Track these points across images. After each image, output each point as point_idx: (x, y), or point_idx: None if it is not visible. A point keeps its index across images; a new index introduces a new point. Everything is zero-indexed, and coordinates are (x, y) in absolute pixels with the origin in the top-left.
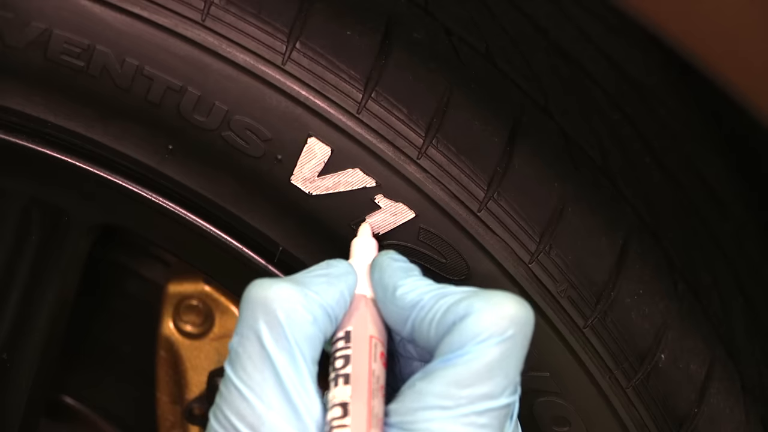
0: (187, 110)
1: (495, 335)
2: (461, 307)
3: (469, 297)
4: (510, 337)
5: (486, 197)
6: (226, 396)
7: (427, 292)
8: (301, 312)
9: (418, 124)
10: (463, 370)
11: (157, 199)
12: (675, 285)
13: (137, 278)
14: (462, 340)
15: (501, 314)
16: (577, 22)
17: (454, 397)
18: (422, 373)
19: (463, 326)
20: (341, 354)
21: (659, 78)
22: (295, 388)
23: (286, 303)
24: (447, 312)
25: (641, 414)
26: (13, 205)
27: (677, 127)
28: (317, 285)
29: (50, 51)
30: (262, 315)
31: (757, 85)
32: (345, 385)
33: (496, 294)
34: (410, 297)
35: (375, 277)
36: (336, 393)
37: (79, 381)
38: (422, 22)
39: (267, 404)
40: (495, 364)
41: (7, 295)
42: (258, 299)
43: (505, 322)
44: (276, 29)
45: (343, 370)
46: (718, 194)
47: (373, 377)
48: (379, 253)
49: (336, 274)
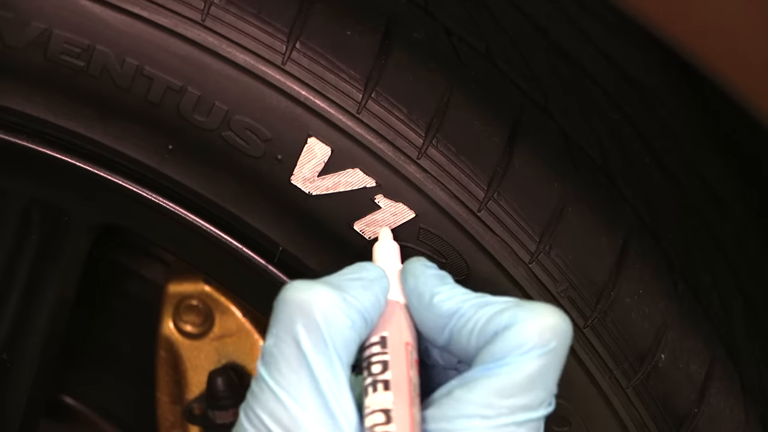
0: (187, 110)
1: (538, 346)
2: (504, 317)
3: (512, 307)
4: (552, 348)
5: (486, 197)
6: (258, 396)
7: (466, 301)
8: (339, 316)
9: (418, 124)
10: (505, 380)
11: (157, 199)
12: (675, 285)
13: (137, 278)
14: (505, 350)
15: (544, 326)
16: (577, 22)
17: (495, 406)
18: (460, 380)
19: (506, 336)
20: (378, 359)
21: (659, 78)
22: (332, 392)
23: (325, 306)
24: (489, 321)
25: (641, 414)
26: (13, 205)
27: (677, 127)
28: (354, 289)
29: (50, 51)
30: (300, 317)
31: (757, 85)
32: (386, 391)
33: (538, 305)
34: (448, 305)
35: (409, 283)
36: (376, 399)
37: (79, 381)
38: (422, 22)
39: (302, 407)
40: (536, 375)
41: (7, 295)
42: (296, 301)
43: (549, 334)
44: (276, 29)
45: (382, 375)
46: (719, 194)
47: (411, 384)
48: (410, 260)
49: (370, 278)
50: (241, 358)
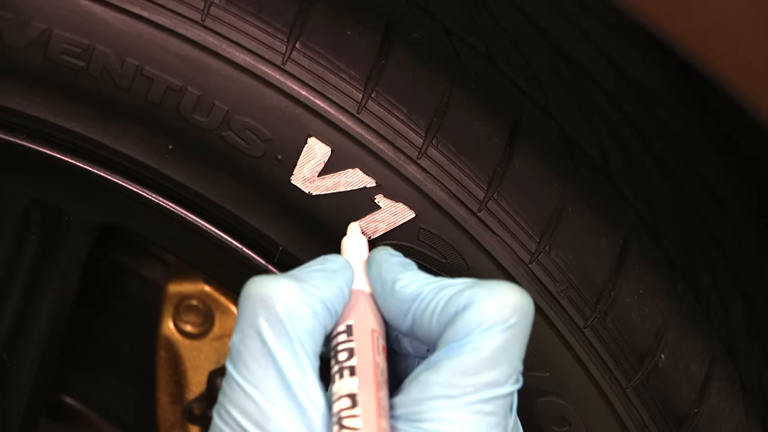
0: (187, 110)
1: (499, 323)
2: (464, 297)
3: (471, 287)
4: (513, 324)
5: (486, 197)
6: (229, 394)
7: (427, 284)
8: (301, 307)
9: (418, 124)
10: (468, 359)
11: (157, 199)
12: (675, 285)
13: (137, 278)
14: (466, 329)
15: (504, 303)
16: (577, 22)
17: (460, 385)
18: (426, 364)
19: (466, 315)
20: (344, 347)
21: (659, 78)
22: (298, 383)
23: (285, 298)
24: (449, 302)
25: (641, 414)
26: (13, 205)
27: (677, 127)
28: (315, 279)
29: (50, 51)
30: (262, 311)
31: (757, 84)
32: (351, 377)
33: (498, 283)
34: (410, 290)
35: (373, 271)
36: (342, 385)
37: (79, 381)
38: (422, 22)
39: (271, 401)
40: (499, 351)
41: (7, 295)
42: (257, 296)
43: (508, 310)
44: (276, 29)
45: (348, 362)
46: (718, 194)
47: (378, 369)
48: (375, 249)
49: (333, 268)
50: None
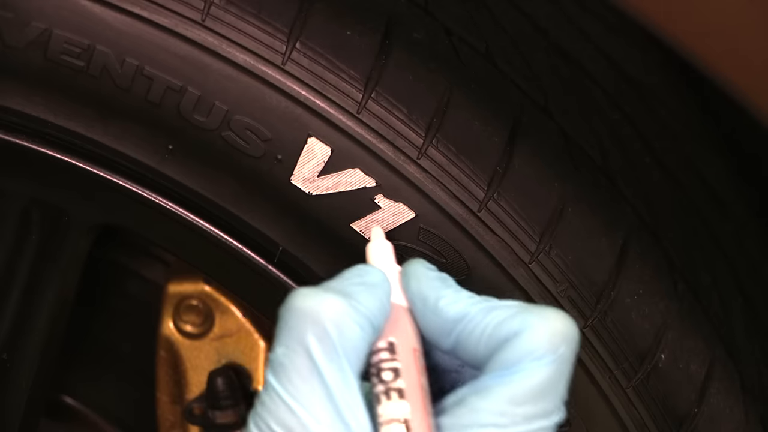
0: (187, 110)
1: (549, 353)
2: (515, 322)
3: (522, 312)
4: (561, 355)
5: (486, 197)
6: (269, 405)
7: (473, 305)
8: (350, 324)
9: (418, 124)
10: (518, 388)
11: (157, 199)
12: (675, 285)
13: (137, 278)
14: (517, 356)
15: (554, 332)
16: (577, 22)
17: (509, 414)
18: (471, 388)
19: (517, 343)
20: (389, 366)
21: (659, 78)
22: (345, 401)
23: (335, 315)
24: (498, 327)
25: (641, 414)
26: (13, 205)
27: (677, 127)
28: (360, 294)
29: (50, 51)
30: (311, 326)
31: (757, 84)
32: (401, 400)
33: (547, 310)
34: (455, 309)
35: (412, 286)
36: (390, 408)
37: (79, 381)
38: (422, 22)
39: (315, 417)
40: (548, 382)
41: (7, 295)
42: (305, 310)
43: (558, 340)
44: (276, 29)
45: (395, 383)
46: (718, 194)
47: (423, 391)
48: (410, 262)
49: (373, 282)
50: (241, 358)
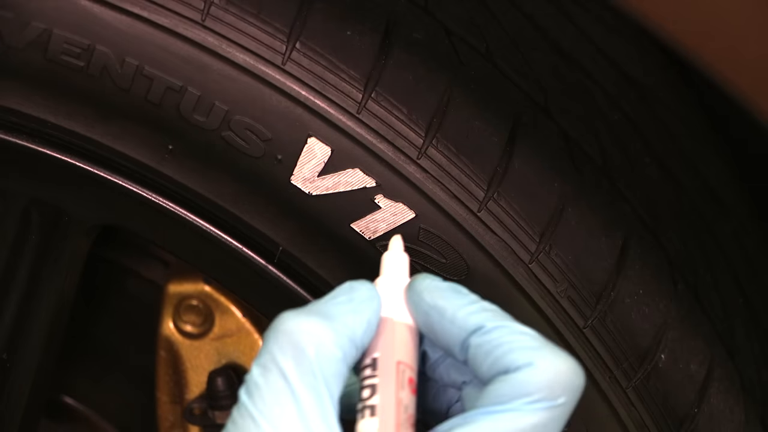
0: (187, 110)
1: (546, 399)
2: (521, 357)
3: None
4: (560, 404)
5: (486, 197)
6: (240, 424)
7: (489, 319)
8: (331, 349)
9: (418, 124)
10: (505, 426)
11: (157, 199)
12: (675, 285)
13: (137, 278)
14: (512, 394)
15: (557, 379)
16: (577, 22)
17: None
18: (463, 419)
19: (516, 379)
20: (368, 383)
21: (659, 78)
22: (317, 426)
23: (316, 339)
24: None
25: (641, 414)
26: (13, 205)
27: (677, 127)
28: (344, 315)
29: (50, 51)
30: (290, 350)
31: (757, 84)
32: (372, 417)
33: (557, 353)
34: (473, 320)
35: (425, 299)
36: (363, 426)
37: (79, 381)
38: (422, 22)
39: None
40: (538, 428)
41: (7, 295)
42: (286, 332)
43: (559, 390)
44: (276, 29)
45: (370, 401)
46: (719, 194)
47: (401, 407)
48: (416, 277)
49: (360, 299)
50: (241, 358)
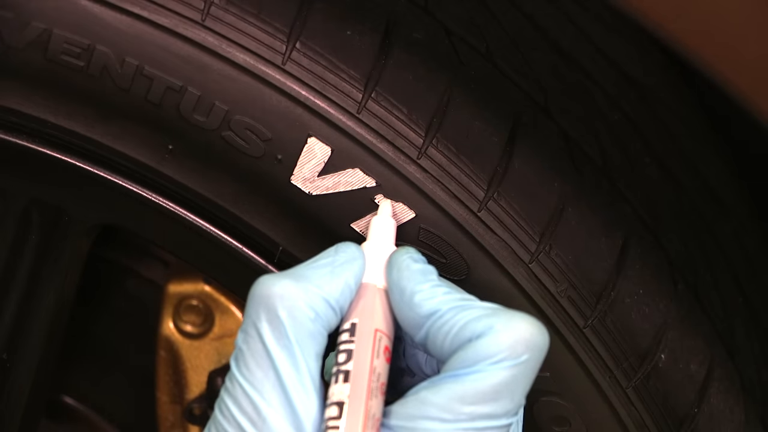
0: (187, 110)
1: (509, 358)
2: (480, 324)
3: (489, 315)
4: (524, 361)
5: (486, 197)
6: (230, 390)
7: (446, 303)
8: (302, 309)
9: (418, 124)
10: (469, 387)
11: (157, 199)
12: (675, 285)
13: (137, 278)
14: (475, 357)
15: (518, 338)
16: (577, 22)
17: (455, 411)
18: (429, 382)
19: (478, 345)
20: (344, 348)
21: (659, 78)
22: (294, 386)
23: (287, 300)
24: (464, 327)
25: (641, 414)
26: (13, 205)
27: (677, 127)
28: (320, 277)
29: (50, 51)
30: (264, 313)
31: (757, 84)
32: (344, 383)
33: (516, 315)
34: (428, 306)
35: (393, 276)
36: (335, 390)
37: (79, 381)
38: (422, 22)
39: (267, 401)
40: (503, 386)
41: (7, 295)
42: (261, 296)
43: (521, 347)
44: (276, 29)
45: (345, 366)
46: (719, 194)
47: (373, 375)
48: (397, 251)
49: (341, 261)
50: None
